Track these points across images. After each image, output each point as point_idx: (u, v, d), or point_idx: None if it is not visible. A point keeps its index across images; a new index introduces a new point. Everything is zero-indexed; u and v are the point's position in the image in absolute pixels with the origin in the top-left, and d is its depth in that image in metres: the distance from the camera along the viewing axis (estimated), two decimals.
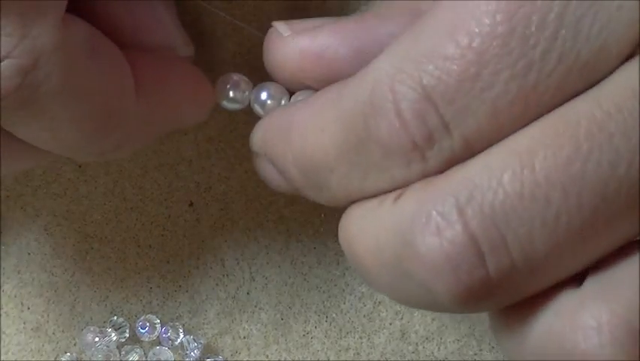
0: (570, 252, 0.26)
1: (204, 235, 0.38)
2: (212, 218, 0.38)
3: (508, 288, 0.27)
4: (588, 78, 0.26)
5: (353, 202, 0.30)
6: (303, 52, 0.32)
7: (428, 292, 0.27)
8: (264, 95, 0.34)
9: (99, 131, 0.30)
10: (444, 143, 0.27)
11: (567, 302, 0.27)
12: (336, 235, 0.38)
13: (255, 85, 0.35)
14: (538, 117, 0.27)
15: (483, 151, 0.27)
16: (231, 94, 0.35)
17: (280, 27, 0.33)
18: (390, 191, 0.28)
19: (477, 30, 0.27)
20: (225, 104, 0.35)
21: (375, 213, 0.28)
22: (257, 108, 0.35)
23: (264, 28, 0.38)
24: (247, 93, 0.35)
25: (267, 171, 0.32)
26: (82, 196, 0.38)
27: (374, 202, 0.29)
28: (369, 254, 0.29)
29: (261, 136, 0.32)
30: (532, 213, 0.26)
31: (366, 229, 0.29)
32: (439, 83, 0.27)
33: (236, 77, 0.35)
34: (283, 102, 0.34)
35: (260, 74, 0.38)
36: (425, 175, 0.28)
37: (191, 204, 0.38)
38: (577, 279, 0.27)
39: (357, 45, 0.31)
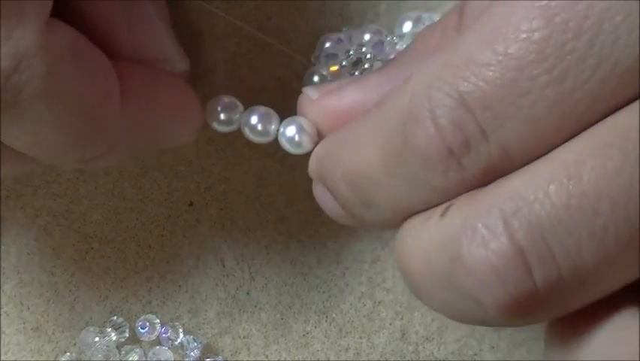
0: (619, 263, 0.26)
1: (204, 235, 0.38)
2: (212, 218, 0.38)
3: (557, 300, 0.27)
4: (630, 87, 0.26)
5: (404, 220, 0.29)
6: (332, 112, 0.33)
7: (478, 305, 0.27)
8: (254, 119, 0.34)
9: (82, 136, 0.30)
10: (481, 149, 0.27)
11: (626, 326, 0.27)
12: (336, 235, 0.38)
13: (246, 107, 0.35)
14: (578, 126, 0.26)
15: (524, 161, 0.27)
16: (222, 116, 0.35)
17: (309, 91, 0.33)
18: (438, 204, 0.28)
19: (513, 37, 0.26)
20: (216, 126, 0.35)
21: (424, 229, 0.28)
22: (247, 132, 0.35)
23: (264, 28, 0.38)
24: (238, 116, 0.35)
25: (323, 198, 0.32)
26: (82, 196, 0.38)
27: (423, 217, 0.29)
28: (421, 270, 0.28)
29: (315, 159, 0.33)
30: (580, 224, 0.26)
31: (416, 245, 0.29)
32: (476, 90, 0.27)
33: (227, 99, 0.35)
34: (273, 127, 0.34)
35: (259, 74, 0.38)
36: (465, 185, 0.28)
37: (191, 204, 0.38)
38: (636, 299, 0.27)
39: (382, 98, 0.31)
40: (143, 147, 0.34)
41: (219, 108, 0.35)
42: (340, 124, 0.32)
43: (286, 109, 0.38)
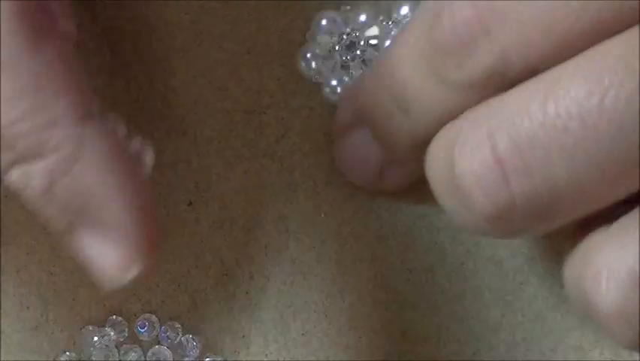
0: (590, 185, 0.28)
1: (203, 234, 0.38)
2: (212, 218, 0.38)
3: (533, 213, 0.29)
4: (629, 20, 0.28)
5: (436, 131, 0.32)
6: None
7: (469, 211, 0.29)
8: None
9: None
10: (485, 47, 0.29)
11: (590, 245, 0.29)
12: (336, 235, 0.38)
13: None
14: (570, 45, 0.28)
15: (524, 72, 0.29)
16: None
17: None
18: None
19: None
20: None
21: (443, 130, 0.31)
22: None
23: (264, 28, 0.38)
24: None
25: (358, 145, 0.35)
26: None
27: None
28: (431, 170, 0.31)
29: (352, 97, 0.35)
30: (552, 141, 0.27)
31: (432, 144, 0.31)
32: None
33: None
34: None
35: (259, 74, 0.38)
36: (474, 89, 0.30)
37: (190, 204, 0.38)
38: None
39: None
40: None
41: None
42: None
43: (286, 109, 0.38)
